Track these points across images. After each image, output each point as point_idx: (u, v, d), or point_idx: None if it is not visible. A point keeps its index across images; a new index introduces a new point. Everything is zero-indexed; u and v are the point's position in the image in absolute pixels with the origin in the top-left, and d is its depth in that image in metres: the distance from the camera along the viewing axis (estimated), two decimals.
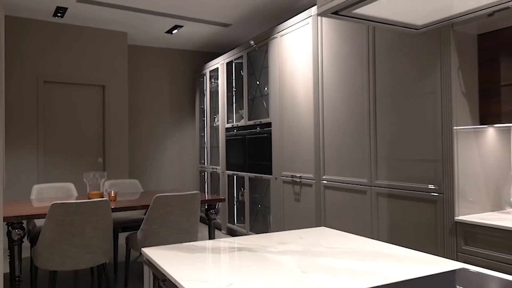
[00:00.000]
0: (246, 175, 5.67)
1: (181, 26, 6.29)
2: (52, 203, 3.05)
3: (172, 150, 7.76)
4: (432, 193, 2.90)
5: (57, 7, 5.39)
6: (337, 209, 3.85)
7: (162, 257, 1.77)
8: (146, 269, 1.89)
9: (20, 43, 5.87)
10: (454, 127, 2.75)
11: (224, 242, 2.06)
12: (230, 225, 6.24)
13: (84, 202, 3.09)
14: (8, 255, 3.50)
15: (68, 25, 6.18)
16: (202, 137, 7.58)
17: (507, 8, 1.55)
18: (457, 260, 2.67)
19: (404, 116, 3.13)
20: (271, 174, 5.02)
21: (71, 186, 4.64)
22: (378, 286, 1.36)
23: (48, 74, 6.06)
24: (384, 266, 1.60)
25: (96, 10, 5.55)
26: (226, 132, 6.35)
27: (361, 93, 3.55)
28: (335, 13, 1.49)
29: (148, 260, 1.82)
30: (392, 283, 1.39)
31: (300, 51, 4.41)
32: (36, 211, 3.32)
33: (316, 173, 4.14)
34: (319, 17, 4.09)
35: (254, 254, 1.81)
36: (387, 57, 3.28)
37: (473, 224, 2.61)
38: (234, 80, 6.28)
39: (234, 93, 6.29)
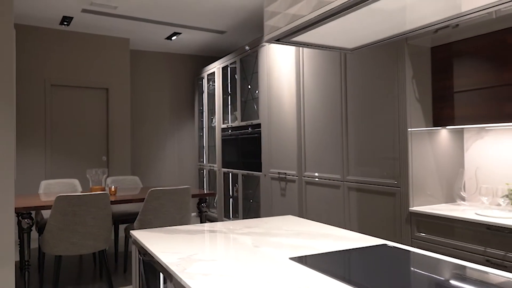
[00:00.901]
0: (240, 172, 6.06)
1: (180, 33, 6.68)
2: (57, 195, 3.46)
3: (173, 149, 8.16)
4: (391, 187, 3.27)
5: (63, 16, 5.80)
6: (316, 202, 4.23)
7: (145, 237, 2.16)
8: (133, 247, 2.28)
9: (29, 49, 6.29)
10: (409, 129, 3.13)
11: (201, 226, 2.45)
12: (225, 219, 6.63)
13: (85, 194, 3.50)
14: (18, 244, 3.90)
15: (73, 32, 6.60)
16: (200, 136, 7.98)
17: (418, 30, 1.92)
18: (411, 245, 3.05)
19: (370, 119, 3.51)
20: (261, 171, 5.40)
21: (76, 182, 5.05)
22: (307, 255, 1.75)
23: (55, 78, 6.48)
24: (322, 243, 1.98)
25: (100, 19, 5.96)
26: (222, 132, 6.74)
27: (335, 99, 3.93)
28: (278, 40, 1.87)
29: (135, 240, 2.21)
30: (319, 253, 1.78)
31: (285, 59, 4.79)
32: (43, 203, 3.74)
33: (299, 170, 4.52)
34: None
35: (222, 235, 2.20)
36: (356, 67, 3.65)
37: (424, 214, 2.99)
38: (229, 84, 6.67)
39: (229, 95, 6.68)
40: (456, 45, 3.09)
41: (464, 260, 2.71)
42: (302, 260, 1.66)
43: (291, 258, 1.70)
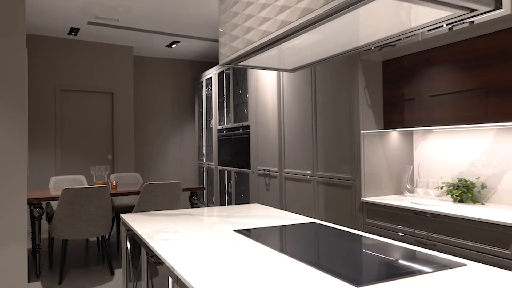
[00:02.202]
0: (233, 169, 6.61)
1: (179, 42, 7.25)
2: (63, 188, 4.03)
3: (174, 148, 8.74)
4: (348, 181, 3.80)
5: (71, 27, 6.39)
6: (293, 195, 4.77)
7: (131, 218, 2.72)
8: (122, 228, 2.84)
9: (40, 57, 6.89)
10: (361, 131, 3.66)
11: (179, 211, 3.00)
12: None
13: (88, 187, 4.07)
14: (31, 233, 4.48)
15: (81, 41, 7.20)
16: (200, 137, 8.55)
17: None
18: (362, 230, 3.58)
19: (333, 123, 4.04)
20: (250, 169, 5.95)
21: (82, 177, 5.63)
22: (246, 228, 2.29)
23: (64, 83, 7.08)
24: (264, 221, 2.52)
25: (104, 30, 6.55)
26: (218, 133, 7.30)
27: (307, 105, 4.46)
28: (229, 64, 2.41)
29: (123, 221, 2.76)
30: (256, 227, 2.32)
31: None
32: (51, 195, 4.32)
33: (279, 167, 5.06)
34: None
35: (191, 217, 2.74)
36: (324, 78, 4.18)
37: (372, 203, 3.51)
38: (224, 88, 7.22)
39: (224, 99, 7.24)
40: (405, 59, 3.61)
41: (396, 240, 3.24)
42: (241, 231, 2.21)
43: (234, 230, 2.24)
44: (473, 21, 2.70)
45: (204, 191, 8.19)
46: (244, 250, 1.80)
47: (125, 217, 2.75)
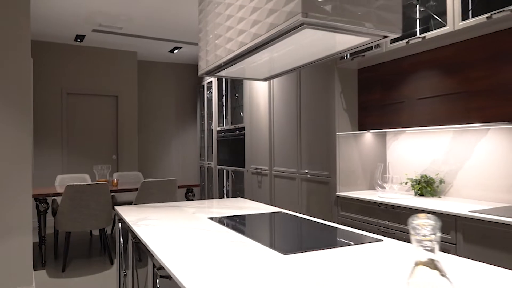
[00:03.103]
0: (230, 168, 6.97)
1: (180, 47, 7.63)
2: (67, 184, 4.42)
3: (177, 148, 9.12)
4: (326, 178, 4.15)
5: (76, 34, 6.80)
6: (281, 191, 5.12)
7: (122, 209, 3.08)
8: (116, 218, 3.21)
9: (48, 62, 7.31)
10: (337, 133, 4.00)
11: (167, 203, 3.36)
12: None
13: (88, 184, 4.45)
14: (38, 226, 4.87)
15: (86, 47, 7.60)
16: (202, 138, 8.93)
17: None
18: (337, 222, 3.93)
19: (314, 125, 4.38)
20: (244, 167, 6.30)
21: (86, 176, 6.02)
22: (219, 216, 2.65)
23: (70, 86, 7.49)
24: (239, 211, 2.87)
25: (109, 37, 6.94)
26: (217, 134, 7.66)
27: (293, 109, 4.81)
28: (207, 74, 2.77)
29: (117, 212, 3.13)
30: (228, 215, 2.68)
31: None
32: (56, 191, 4.71)
33: (270, 166, 5.41)
34: None
35: (176, 208, 3.10)
36: (307, 84, 4.53)
37: (344, 197, 3.86)
38: (223, 92, 7.59)
39: (223, 102, 7.60)
40: (378, 67, 3.95)
41: (362, 229, 3.58)
42: (213, 218, 2.56)
43: (208, 218, 2.60)
44: (424, 36, 3.04)
45: (205, 188, 8.56)
46: (210, 232, 2.15)
47: (118, 208, 3.12)
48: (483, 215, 2.56)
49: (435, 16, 3.13)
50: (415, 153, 3.86)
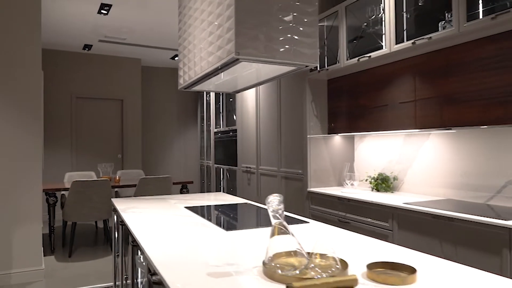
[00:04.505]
0: (225, 167, 7.54)
1: None
2: (73, 180, 5.01)
3: (179, 148, 9.71)
4: (300, 175, 4.70)
5: (84, 44, 7.41)
6: (265, 187, 5.67)
7: (117, 200, 3.65)
8: (112, 208, 3.77)
9: (58, 69, 7.93)
10: (308, 136, 4.54)
11: (155, 196, 3.93)
12: None
13: (92, 180, 5.04)
14: (48, 219, 5.46)
15: (94, 54, 8.22)
16: (202, 138, 9.51)
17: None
18: (308, 215, 4.47)
19: (291, 128, 4.93)
20: (237, 166, 6.86)
21: (92, 173, 6.62)
22: (194, 206, 3.21)
23: (79, 91, 8.10)
24: (213, 202, 3.43)
25: (114, 46, 7.54)
26: (214, 135, 8.23)
27: (275, 113, 5.36)
28: (185, 89, 3.33)
29: (112, 204, 3.70)
30: (202, 205, 3.24)
31: None
32: (63, 186, 5.31)
33: (257, 165, 5.97)
34: None
35: (162, 200, 3.67)
36: (286, 92, 5.08)
37: (314, 192, 4.40)
38: (220, 96, 8.16)
39: (220, 105, 8.17)
40: (342, 79, 4.48)
41: (324, 220, 4.13)
42: (188, 207, 3.12)
43: (185, 207, 3.16)
44: (370, 56, 3.58)
45: (204, 185, 9.13)
46: (181, 217, 2.71)
47: (114, 200, 3.69)
48: (414, 206, 3.09)
49: (377, 39, 3.67)
50: (376, 153, 4.40)
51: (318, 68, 4.44)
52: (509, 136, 3.03)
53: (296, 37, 2.23)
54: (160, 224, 2.43)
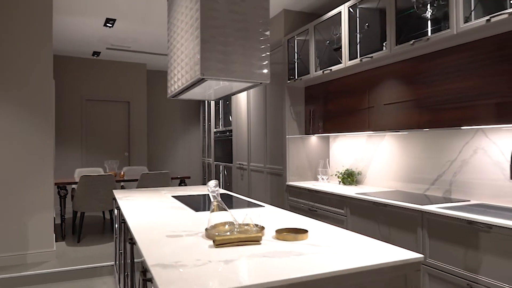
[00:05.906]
0: (222, 164, 8.17)
1: None
2: (81, 175, 5.67)
3: (183, 147, 10.36)
4: (280, 171, 5.31)
5: (93, 51, 8.08)
6: (254, 182, 6.28)
7: (117, 191, 4.28)
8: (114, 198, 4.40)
9: (69, 73, 8.62)
10: (287, 136, 5.15)
11: (151, 188, 4.56)
12: None
13: (98, 175, 5.69)
14: (60, 209, 6.13)
15: (102, 60, 8.89)
16: (204, 137, 10.15)
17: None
18: (286, 206, 5.08)
19: (273, 129, 5.53)
20: (232, 163, 7.48)
21: (100, 169, 7.28)
22: (180, 195, 3.84)
23: (89, 94, 8.78)
24: (197, 192, 4.05)
25: (121, 53, 8.20)
26: (214, 134, 8.86)
27: (262, 115, 5.97)
28: (173, 97, 3.95)
29: (113, 193, 4.33)
30: (186, 195, 3.86)
31: None
32: (73, 180, 5.97)
33: (248, 162, 6.58)
34: None
35: (155, 191, 4.30)
36: (271, 97, 5.69)
37: (291, 186, 5.01)
38: None
39: (219, 107, 8.80)
40: (317, 86, 5.08)
41: (298, 209, 4.74)
42: (175, 196, 3.75)
43: (172, 196, 3.79)
44: (331, 69, 4.18)
45: (206, 181, 9.76)
46: (166, 203, 3.34)
47: (114, 191, 4.33)
48: (362, 196, 3.69)
49: (337, 56, 4.27)
50: (345, 152, 4.99)
51: (296, 77, 5.05)
52: (440, 138, 3.62)
53: (252, 61, 2.84)
54: (146, 207, 3.06)
